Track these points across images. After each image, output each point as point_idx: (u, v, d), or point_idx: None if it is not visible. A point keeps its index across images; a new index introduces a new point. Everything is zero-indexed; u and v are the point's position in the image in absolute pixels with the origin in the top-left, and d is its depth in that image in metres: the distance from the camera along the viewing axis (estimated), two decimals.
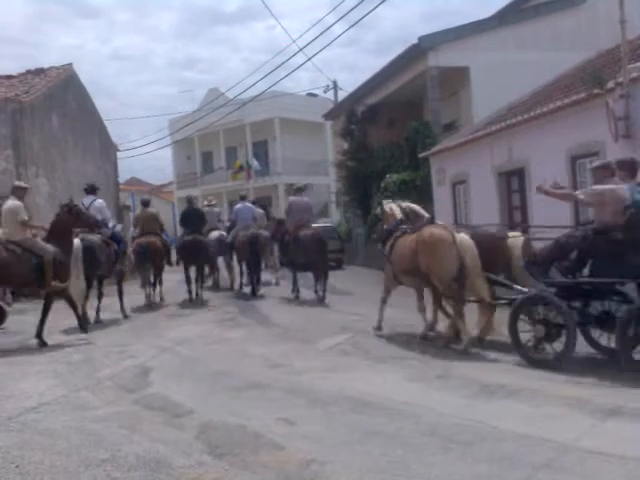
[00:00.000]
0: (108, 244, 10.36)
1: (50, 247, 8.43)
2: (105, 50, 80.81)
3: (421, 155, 15.31)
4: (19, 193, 8.80)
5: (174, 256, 12.78)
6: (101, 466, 4.02)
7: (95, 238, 9.97)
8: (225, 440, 4.44)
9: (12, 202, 8.54)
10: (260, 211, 14.26)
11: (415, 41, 16.32)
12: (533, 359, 6.24)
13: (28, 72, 17.59)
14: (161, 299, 12.49)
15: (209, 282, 14.35)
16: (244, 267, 13.61)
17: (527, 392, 5.30)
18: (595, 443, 4.08)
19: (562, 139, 9.51)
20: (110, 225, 11.12)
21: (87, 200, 10.92)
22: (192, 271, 12.58)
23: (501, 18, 17.39)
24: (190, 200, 14.34)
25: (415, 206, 8.59)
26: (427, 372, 6.19)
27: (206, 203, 15.63)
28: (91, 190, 11.33)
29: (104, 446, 4.37)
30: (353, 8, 15.53)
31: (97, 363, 7.28)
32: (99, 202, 11.07)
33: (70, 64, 18.67)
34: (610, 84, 8.26)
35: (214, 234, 13.66)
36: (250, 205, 14.13)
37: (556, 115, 9.62)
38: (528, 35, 16.01)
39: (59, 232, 8.70)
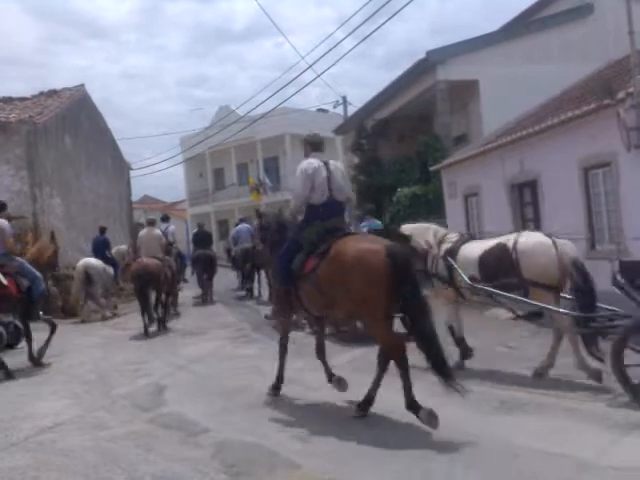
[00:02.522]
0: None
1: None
2: (115, 70, 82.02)
3: (432, 168, 15.31)
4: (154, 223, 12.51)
5: (188, 271, 15.67)
6: None
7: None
8: (241, 459, 4.42)
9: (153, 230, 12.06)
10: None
11: (423, 55, 16.41)
12: None
13: (41, 94, 17.85)
14: (164, 326, 11.40)
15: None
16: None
17: (545, 407, 5.24)
18: (616, 459, 4.02)
19: (574, 150, 9.48)
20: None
21: (163, 226, 14.26)
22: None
23: (508, 31, 17.44)
24: (200, 224, 17.46)
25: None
26: (446, 387, 6.12)
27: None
28: (165, 218, 15.73)
29: (121, 466, 4.37)
30: (362, 24, 15.70)
31: (112, 382, 7.31)
32: (172, 228, 15.08)
33: (82, 85, 18.94)
34: (621, 94, 8.23)
35: None
36: (247, 225, 16.44)
37: (567, 126, 9.59)
38: (536, 48, 16.02)
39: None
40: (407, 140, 19.40)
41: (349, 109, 26.19)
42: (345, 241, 5.26)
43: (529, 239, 6.21)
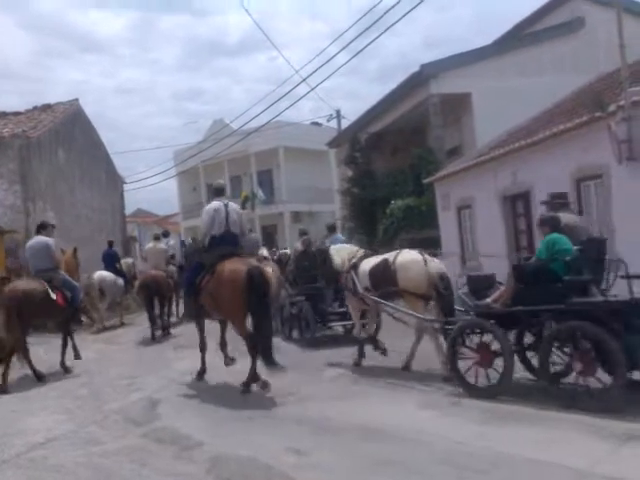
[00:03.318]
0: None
1: None
2: (109, 84, 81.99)
3: (425, 181, 15.37)
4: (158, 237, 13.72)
5: None
6: None
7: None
8: (236, 472, 4.39)
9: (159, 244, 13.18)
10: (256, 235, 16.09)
11: (417, 69, 16.54)
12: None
13: (35, 108, 17.85)
14: (167, 332, 12.37)
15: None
16: None
17: (540, 418, 5.22)
18: (612, 469, 4.01)
19: (566, 162, 9.54)
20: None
21: (165, 241, 14.44)
22: None
23: (501, 45, 17.64)
24: (194, 239, 17.08)
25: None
26: (440, 399, 6.11)
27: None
28: (166, 234, 15.86)
29: None
30: (355, 39, 15.83)
31: (105, 396, 7.25)
32: (172, 242, 15.56)
33: (76, 99, 18.96)
34: (612, 107, 8.31)
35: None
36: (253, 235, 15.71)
37: (559, 139, 9.67)
38: (528, 61, 16.19)
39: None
40: (400, 153, 19.50)
41: (343, 122, 26.35)
42: (225, 262, 6.98)
43: (405, 256, 7.39)
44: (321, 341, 9.91)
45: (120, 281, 14.46)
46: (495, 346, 6.07)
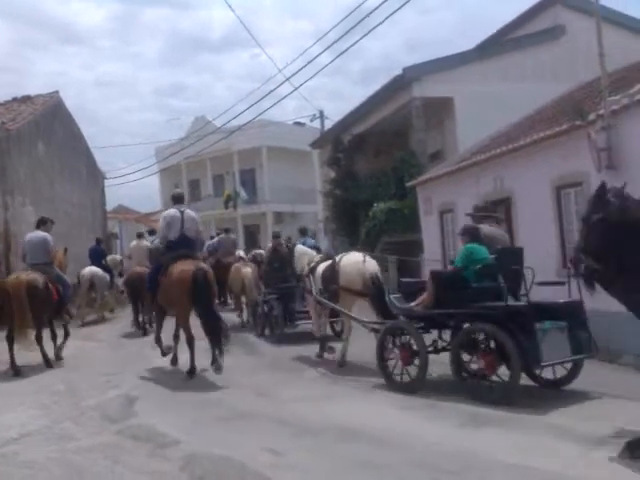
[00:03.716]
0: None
1: None
2: (89, 77, 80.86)
3: (408, 184, 15.43)
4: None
5: None
6: None
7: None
8: (210, 472, 4.38)
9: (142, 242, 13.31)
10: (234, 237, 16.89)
11: (400, 71, 16.61)
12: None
13: (14, 100, 17.62)
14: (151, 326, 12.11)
15: None
16: None
17: (515, 421, 5.29)
18: (583, 473, 4.07)
19: (546, 169, 9.64)
20: None
21: (151, 239, 14.10)
22: None
23: (483, 50, 17.73)
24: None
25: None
26: (417, 400, 6.16)
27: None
28: (152, 232, 15.13)
29: (86, 478, 4.30)
30: (338, 40, 15.81)
31: (82, 393, 7.18)
32: (157, 241, 15.96)
33: (57, 91, 18.74)
34: (592, 116, 8.41)
35: None
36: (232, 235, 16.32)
37: (540, 146, 9.76)
38: (510, 67, 16.32)
39: None
40: (383, 155, 19.55)
41: (326, 123, 26.36)
42: (177, 264, 7.77)
43: (349, 257, 8.31)
44: (291, 338, 10.33)
45: (107, 277, 14.72)
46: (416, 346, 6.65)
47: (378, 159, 19.96)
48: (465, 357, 6.25)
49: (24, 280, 8.46)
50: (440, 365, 6.82)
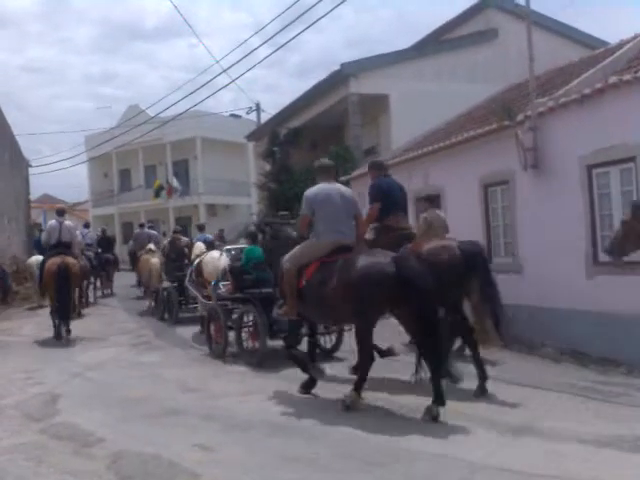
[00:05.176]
0: None
1: None
2: (16, 61, 77.52)
3: (342, 179, 15.52)
4: None
5: None
6: None
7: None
8: (138, 470, 4.29)
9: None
10: (154, 232, 18.14)
11: (337, 67, 16.69)
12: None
13: None
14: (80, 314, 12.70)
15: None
16: None
17: (440, 412, 5.41)
18: (503, 461, 4.22)
19: (475, 167, 9.92)
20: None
21: (85, 231, 16.91)
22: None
23: (420, 49, 18.05)
24: (104, 230, 19.57)
25: None
26: (343, 393, 6.20)
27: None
28: (87, 225, 18.81)
29: None
30: (277, 33, 15.77)
31: (1, 390, 6.87)
32: (91, 234, 17.83)
33: None
34: (520, 117, 8.70)
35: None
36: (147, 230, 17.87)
37: (470, 144, 10.03)
38: (445, 66, 16.70)
39: None
40: (319, 149, 19.59)
41: (262, 116, 26.21)
42: (50, 259, 10.23)
43: (211, 253, 10.42)
44: (186, 320, 11.44)
45: None
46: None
47: (313, 153, 19.97)
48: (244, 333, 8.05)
49: None
50: None
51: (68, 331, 9.96)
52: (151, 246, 14.74)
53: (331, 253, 5.81)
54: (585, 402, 5.76)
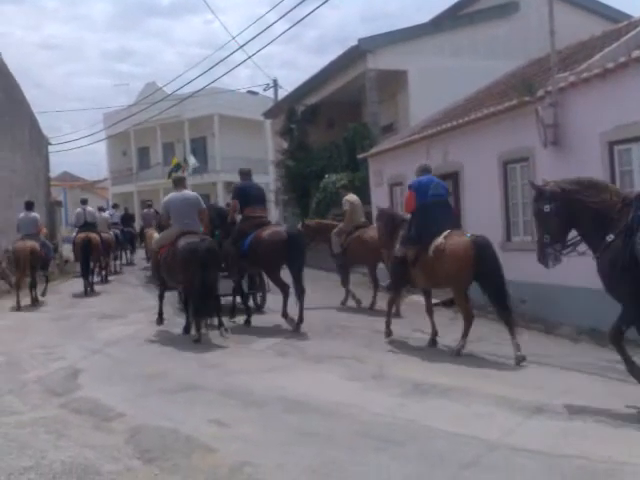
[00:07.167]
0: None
1: None
2: (34, 38, 77.63)
3: (360, 156, 15.45)
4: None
5: None
6: (24, 474, 3.87)
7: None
8: (156, 444, 4.35)
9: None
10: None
11: (355, 42, 16.49)
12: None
13: None
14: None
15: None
16: None
17: (458, 391, 5.43)
18: (520, 440, 4.22)
19: (494, 144, 9.78)
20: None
21: (112, 211, 20.47)
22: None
23: (437, 24, 17.75)
24: (126, 209, 22.66)
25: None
26: (363, 372, 6.25)
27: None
28: (115, 206, 22.27)
29: (28, 453, 4.21)
30: (294, 7, 15.50)
31: (23, 365, 7.02)
32: (117, 214, 20.63)
33: None
34: (540, 92, 8.54)
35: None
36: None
37: (489, 121, 9.89)
38: (463, 42, 16.42)
39: None
40: (336, 127, 19.48)
41: (280, 92, 26.02)
42: (79, 234, 14.22)
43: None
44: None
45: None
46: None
47: (331, 130, 19.89)
48: None
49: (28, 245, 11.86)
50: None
51: (92, 290, 13.41)
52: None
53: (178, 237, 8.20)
54: (603, 382, 5.73)
